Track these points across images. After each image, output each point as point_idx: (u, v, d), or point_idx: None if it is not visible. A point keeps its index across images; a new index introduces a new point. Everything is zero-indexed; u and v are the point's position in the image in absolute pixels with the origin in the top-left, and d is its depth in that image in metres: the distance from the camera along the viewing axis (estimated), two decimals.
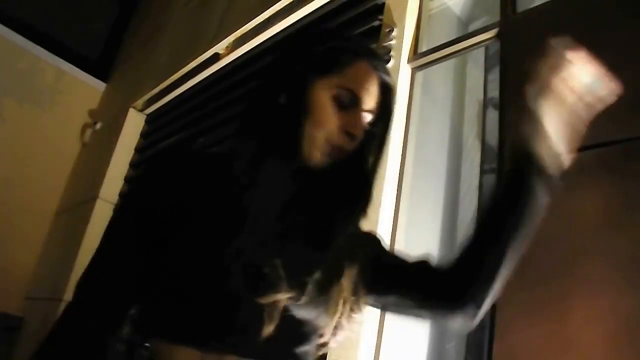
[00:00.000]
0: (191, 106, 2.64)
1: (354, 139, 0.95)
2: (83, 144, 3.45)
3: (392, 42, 1.58)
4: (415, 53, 1.59)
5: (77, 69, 3.55)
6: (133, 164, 2.91)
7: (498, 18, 1.39)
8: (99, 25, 3.86)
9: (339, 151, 0.95)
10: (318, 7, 1.96)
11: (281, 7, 2.09)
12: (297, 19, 2.05)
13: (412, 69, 1.58)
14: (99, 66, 3.70)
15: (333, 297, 0.91)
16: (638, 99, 0.99)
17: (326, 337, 0.92)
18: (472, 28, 1.77)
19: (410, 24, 1.60)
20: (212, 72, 2.54)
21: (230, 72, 2.44)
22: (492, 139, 1.41)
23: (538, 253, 1.01)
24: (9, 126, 3.21)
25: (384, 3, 1.66)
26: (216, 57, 2.48)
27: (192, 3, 2.99)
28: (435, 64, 1.56)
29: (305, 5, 1.97)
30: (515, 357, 0.98)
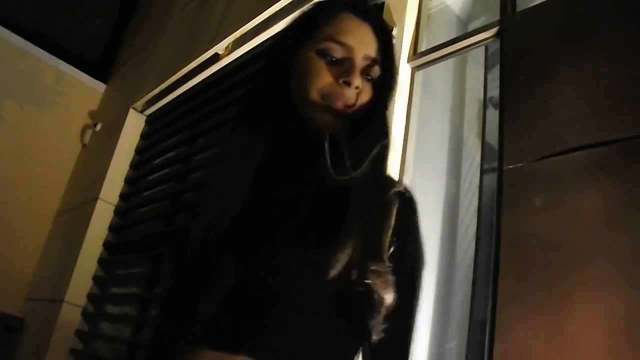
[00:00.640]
0: (191, 107, 2.64)
1: (350, 85, 0.90)
2: (83, 145, 3.45)
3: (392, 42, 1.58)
4: (414, 52, 1.59)
5: (77, 70, 3.55)
6: (133, 165, 2.91)
7: (498, 17, 1.39)
8: (99, 26, 3.86)
9: (342, 106, 0.90)
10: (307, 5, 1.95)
11: (281, 8, 2.09)
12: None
13: (412, 69, 1.58)
14: (99, 67, 3.70)
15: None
16: (637, 97, 0.99)
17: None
18: (472, 27, 1.77)
19: (409, 24, 1.59)
20: (212, 73, 2.54)
21: (230, 73, 2.44)
22: (492, 138, 1.41)
23: (539, 253, 1.01)
24: (9, 127, 3.21)
25: (384, 2, 1.66)
26: (216, 58, 2.48)
27: (192, 4, 2.99)
28: (435, 63, 1.56)
29: (305, 4, 1.96)
30: (516, 358, 0.98)
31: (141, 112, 3.04)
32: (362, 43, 0.93)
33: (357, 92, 0.92)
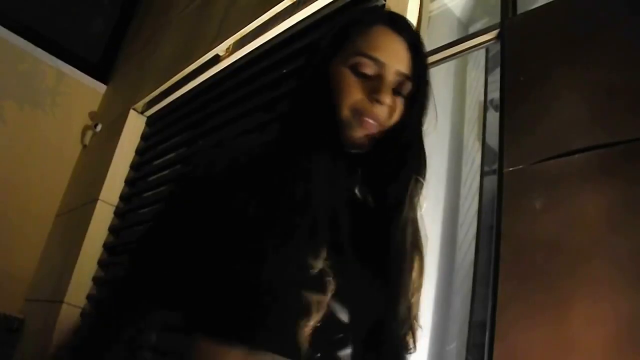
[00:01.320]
0: (192, 108, 2.64)
1: (381, 103, 0.89)
2: (83, 146, 3.45)
3: None
4: None
5: (78, 71, 3.54)
6: (134, 166, 2.90)
7: (498, 19, 1.39)
8: (100, 27, 3.86)
9: (373, 121, 0.89)
10: (318, 9, 1.96)
11: (282, 9, 2.09)
12: (298, 21, 2.05)
13: None
14: (100, 68, 3.70)
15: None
16: (637, 100, 0.99)
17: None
18: (473, 29, 1.77)
19: None
20: (213, 74, 2.54)
21: (230, 74, 2.44)
22: (493, 140, 1.41)
23: (539, 255, 1.01)
24: (10, 128, 3.21)
25: (384, 5, 1.66)
26: (217, 59, 2.48)
27: (193, 5, 2.99)
28: (435, 66, 1.56)
29: (305, 7, 1.97)
30: (516, 359, 0.98)
31: (142, 113, 3.04)
32: (395, 59, 0.92)
33: (390, 111, 0.92)
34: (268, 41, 2.23)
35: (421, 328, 0.94)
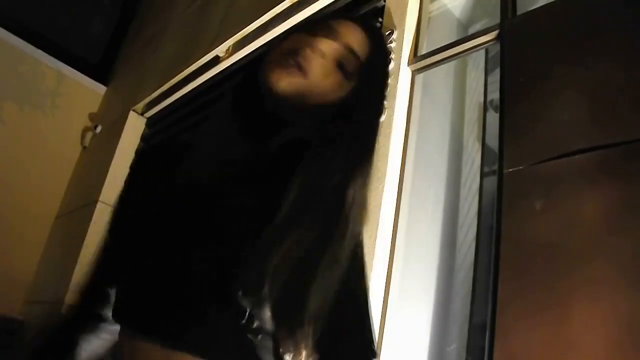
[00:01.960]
0: (192, 109, 2.64)
1: (312, 46, 0.85)
2: (83, 147, 3.45)
3: (392, 45, 1.58)
4: (415, 55, 1.59)
5: (78, 72, 3.54)
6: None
7: (498, 20, 1.39)
8: (100, 28, 3.86)
9: (300, 61, 0.84)
10: (318, 10, 1.96)
11: (281, 10, 2.09)
12: (297, 22, 2.05)
13: (412, 72, 1.58)
14: (100, 69, 3.70)
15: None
16: (638, 100, 0.99)
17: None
18: (472, 30, 1.77)
19: (410, 27, 1.60)
20: (213, 75, 2.54)
21: (230, 75, 2.44)
22: (493, 141, 1.41)
23: (539, 256, 1.01)
24: (9, 129, 3.21)
25: (384, 6, 1.66)
26: (216, 60, 2.48)
27: (193, 6, 2.99)
28: (435, 67, 1.56)
29: (305, 8, 1.97)
30: None
31: (142, 115, 3.04)
32: (350, 36, 0.89)
33: (320, 65, 0.86)
34: (268, 42, 2.23)
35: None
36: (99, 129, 3.32)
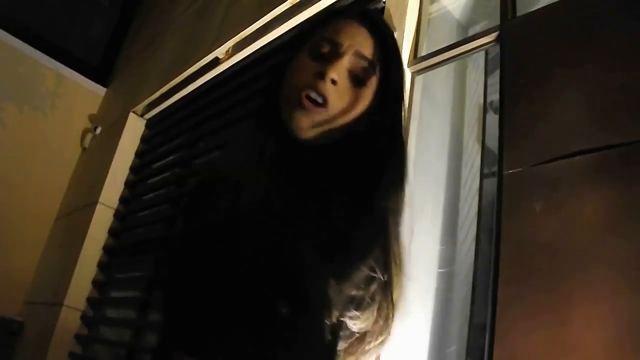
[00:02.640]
0: (191, 111, 2.64)
1: (324, 76, 0.82)
2: (83, 149, 3.45)
3: None
4: (415, 57, 1.59)
5: (78, 74, 3.54)
6: (133, 169, 2.91)
7: (498, 22, 1.39)
8: (100, 30, 3.86)
9: (315, 96, 0.82)
10: (318, 12, 1.96)
11: (281, 12, 2.09)
12: (297, 24, 2.05)
13: (412, 73, 1.58)
14: (100, 71, 3.70)
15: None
16: (637, 102, 0.99)
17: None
18: (472, 32, 1.77)
19: (409, 28, 1.60)
20: (212, 77, 2.54)
21: (230, 77, 2.44)
22: (492, 143, 1.41)
23: (539, 258, 1.01)
24: (9, 131, 3.21)
25: (384, 7, 1.66)
26: (216, 62, 2.48)
27: (192, 8, 2.99)
28: (435, 68, 1.56)
29: (305, 9, 1.97)
30: None
31: (141, 116, 3.04)
32: (354, 41, 0.87)
33: (339, 94, 0.85)
34: (267, 44, 2.23)
35: None
36: (99, 131, 3.32)
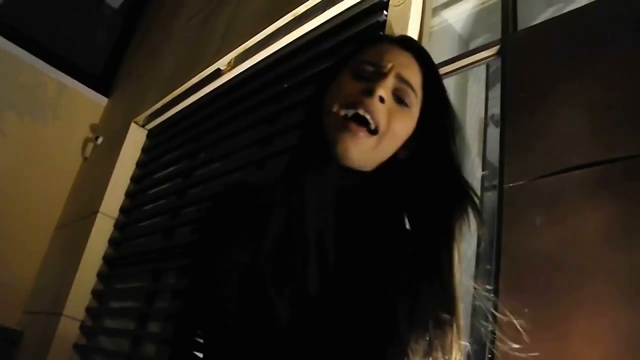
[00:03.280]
0: (192, 122, 2.65)
1: (372, 92, 0.80)
2: (84, 158, 3.46)
3: None
4: None
5: (79, 84, 3.56)
6: (134, 179, 2.91)
7: (499, 35, 1.40)
8: (102, 40, 3.88)
9: (361, 113, 0.80)
10: (320, 24, 1.97)
11: (283, 24, 2.10)
12: (299, 36, 2.06)
13: None
14: (101, 81, 3.72)
15: None
16: (638, 117, 0.99)
17: None
18: (473, 45, 1.78)
19: None
20: (214, 88, 2.55)
21: (232, 88, 2.45)
22: (493, 156, 1.41)
23: (539, 272, 1.01)
24: (10, 140, 3.22)
25: (386, 20, 1.67)
26: (218, 73, 2.49)
27: (195, 19, 3.01)
28: None
29: (307, 22, 1.97)
30: None
31: (143, 126, 3.05)
32: (397, 63, 0.86)
33: (387, 113, 0.83)
34: (269, 55, 2.24)
35: None
36: (100, 140, 3.32)
